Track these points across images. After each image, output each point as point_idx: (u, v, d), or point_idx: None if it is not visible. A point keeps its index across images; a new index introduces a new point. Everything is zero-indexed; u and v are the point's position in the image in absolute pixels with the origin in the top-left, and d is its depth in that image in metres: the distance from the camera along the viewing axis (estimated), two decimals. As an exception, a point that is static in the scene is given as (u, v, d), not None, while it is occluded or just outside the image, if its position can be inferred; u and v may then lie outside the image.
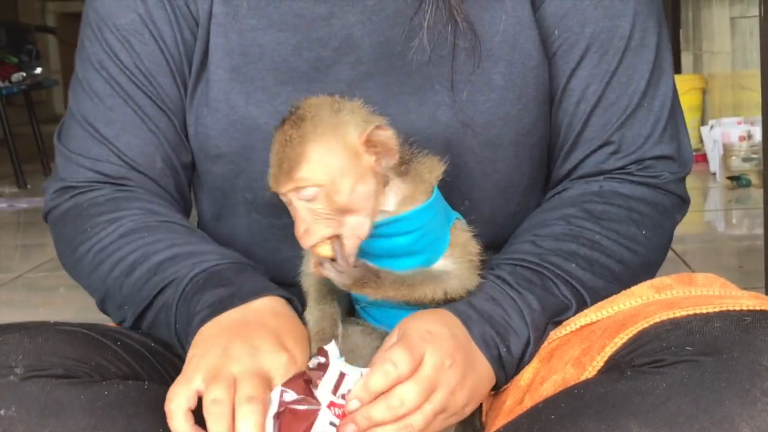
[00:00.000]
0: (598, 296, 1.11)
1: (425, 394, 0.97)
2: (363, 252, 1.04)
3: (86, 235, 1.18)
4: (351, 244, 1.02)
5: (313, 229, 1.00)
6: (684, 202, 1.24)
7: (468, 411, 1.04)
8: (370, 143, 1.01)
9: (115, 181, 1.21)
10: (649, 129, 1.19)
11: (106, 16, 1.21)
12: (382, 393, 0.96)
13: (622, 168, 1.19)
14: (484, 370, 1.05)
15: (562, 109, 1.20)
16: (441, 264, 1.07)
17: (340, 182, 1.00)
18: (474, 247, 1.09)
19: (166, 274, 1.11)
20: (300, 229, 1.00)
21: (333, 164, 1.00)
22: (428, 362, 0.98)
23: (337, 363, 0.97)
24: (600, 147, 1.19)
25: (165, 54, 1.20)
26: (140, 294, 1.12)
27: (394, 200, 1.05)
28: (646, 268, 1.18)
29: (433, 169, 1.07)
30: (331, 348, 0.98)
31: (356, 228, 1.02)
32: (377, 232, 1.03)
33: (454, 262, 1.07)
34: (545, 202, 1.22)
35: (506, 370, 1.07)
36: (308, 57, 1.17)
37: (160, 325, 1.12)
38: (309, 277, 1.10)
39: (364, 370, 0.97)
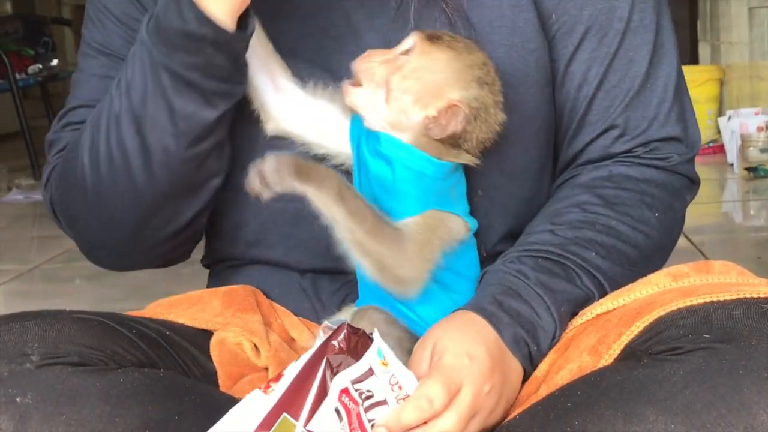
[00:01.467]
0: (617, 284, 1.11)
1: (464, 424, 0.97)
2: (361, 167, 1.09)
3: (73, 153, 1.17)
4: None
5: (371, 61, 1.09)
6: (693, 182, 1.23)
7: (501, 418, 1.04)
8: (450, 110, 1.06)
9: None
10: (653, 111, 1.19)
11: (106, 7, 1.22)
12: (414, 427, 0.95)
13: (629, 151, 1.19)
14: (516, 375, 1.05)
15: (563, 93, 1.20)
16: (400, 222, 1.07)
17: (431, 85, 1.07)
18: (438, 237, 1.08)
19: None
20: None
21: (443, 74, 1.07)
22: (467, 392, 0.98)
23: (372, 356, 0.95)
24: (605, 131, 1.19)
25: None
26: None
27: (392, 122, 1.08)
28: (659, 252, 1.17)
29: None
30: (377, 340, 0.97)
31: (374, 101, 1.08)
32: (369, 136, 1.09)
33: (412, 229, 1.06)
34: (556, 191, 1.21)
35: (533, 364, 1.07)
36: (311, 44, 1.17)
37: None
38: None
39: (399, 373, 0.96)
